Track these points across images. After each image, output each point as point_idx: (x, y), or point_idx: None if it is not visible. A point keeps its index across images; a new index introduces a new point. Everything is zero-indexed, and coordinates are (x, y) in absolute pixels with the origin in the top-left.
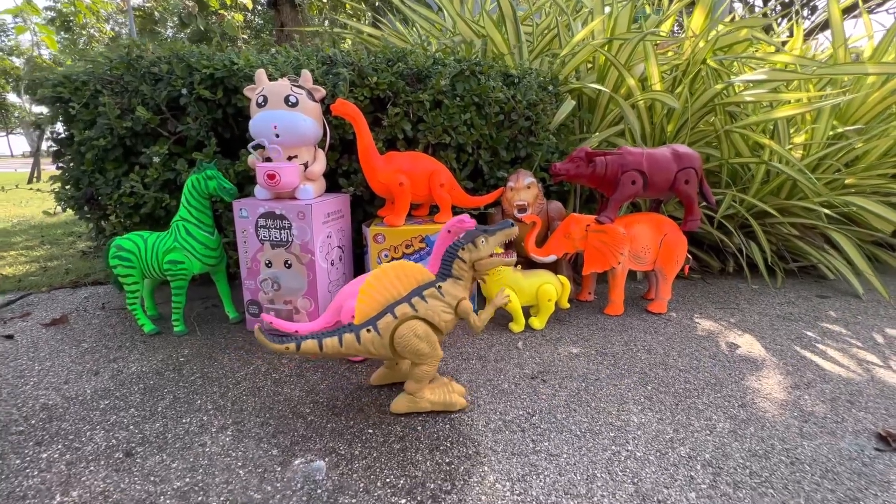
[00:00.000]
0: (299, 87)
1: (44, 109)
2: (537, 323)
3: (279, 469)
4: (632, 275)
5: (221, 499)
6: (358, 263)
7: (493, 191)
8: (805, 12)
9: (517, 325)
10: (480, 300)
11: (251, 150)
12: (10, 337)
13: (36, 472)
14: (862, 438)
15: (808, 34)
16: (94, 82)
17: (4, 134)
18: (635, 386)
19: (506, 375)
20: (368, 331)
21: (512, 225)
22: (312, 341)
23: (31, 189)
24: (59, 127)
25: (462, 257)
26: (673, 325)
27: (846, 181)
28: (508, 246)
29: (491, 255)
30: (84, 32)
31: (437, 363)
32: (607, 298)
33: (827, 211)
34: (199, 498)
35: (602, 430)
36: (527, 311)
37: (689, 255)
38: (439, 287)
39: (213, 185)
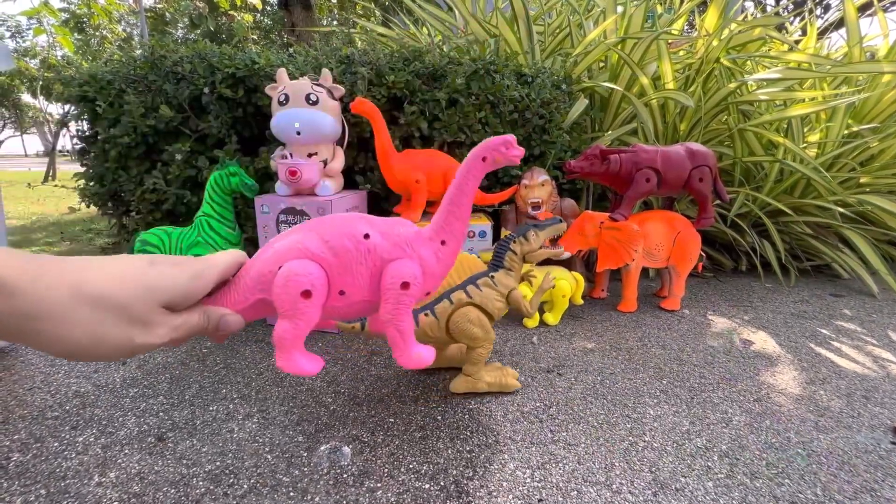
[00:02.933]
0: (320, 85)
1: (61, 109)
2: (551, 318)
3: (305, 455)
4: (645, 272)
5: (252, 481)
6: None
7: (506, 188)
8: (818, 11)
9: (531, 321)
10: None
11: (275, 157)
12: None
13: (73, 455)
14: (878, 432)
15: (822, 33)
16: (119, 81)
17: (19, 134)
18: (650, 380)
19: (522, 369)
20: (426, 314)
21: (561, 221)
22: None
23: (55, 186)
24: (84, 125)
25: (514, 250)
26: (686, 322)
27: (861, 180)
28: (553, 241)
29: (540, 248)
30: (97, 33)
31: (491, 346)
32: (620, 295)
33: (841, 210)
34: (231, 480)
35: (619, 422)
36: (540, 307)
37: (703, 253)
38: (492, 277)
39: (236, 181)
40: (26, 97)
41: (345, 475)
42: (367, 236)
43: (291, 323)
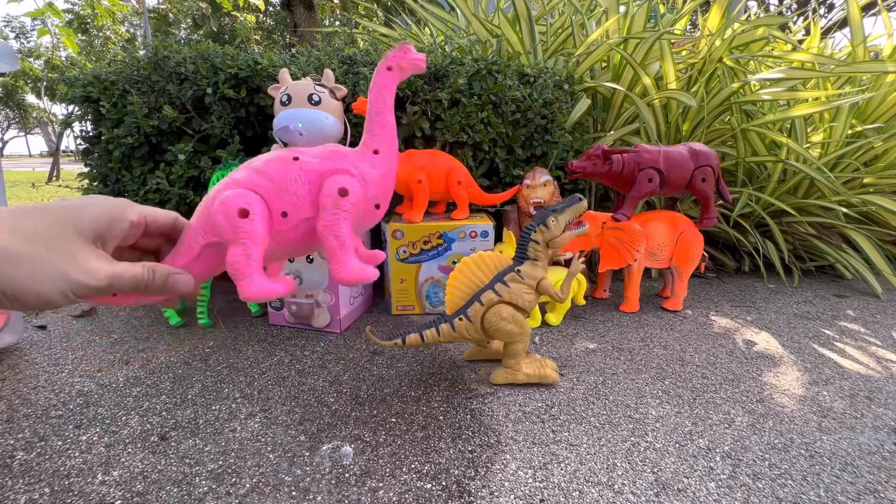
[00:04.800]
0: (322, 85)
1: (65, 109)
2: (553, 319)
3: (307, 454)
4: (646, 272)
5: (254, 480)
6: None
7: (508, 188)
8: (822, 10)
9: (533, 321)
10: None
11: (277, 139)
12: (42, 327)
13: (77, 454)
14: (882, 434)
15: (826, 32)
16: (123, 82)
17: (23, 134)
18: (653, 381)
19: None
20: (461, 319)
21: (580, 199)
22: (415, 335)
23: (59, 186)
24: (88, 125)
25: (535, 239)
26: (689, 323)
27: (865, 180)
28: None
29: (564, 231)
30: (101, 34)
31: (528, 339)
32: (623, 296)
33: (845, 210)
34: (233, 479)
35: (621, 423)
36: (542, 308)
37: (705, 254)
38: (518, 271)
39: None
40: (30, 98)
41: (347, 475)
42: (296, 158)
43: (239, 245)
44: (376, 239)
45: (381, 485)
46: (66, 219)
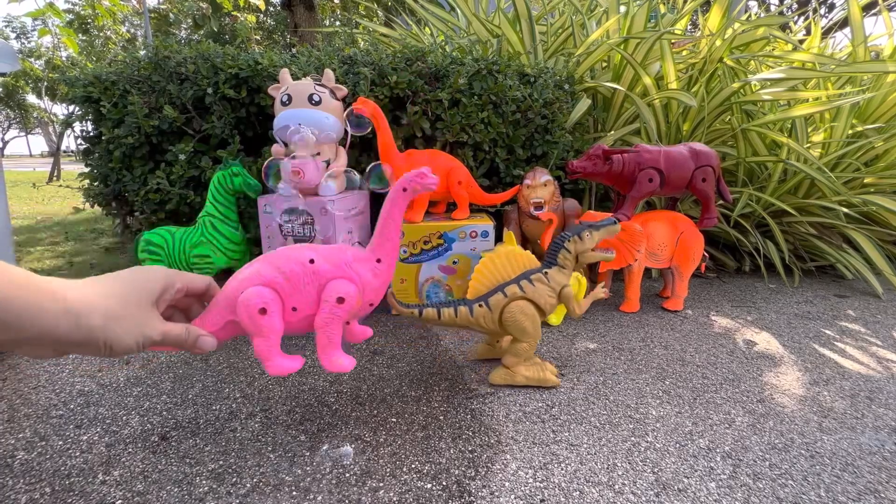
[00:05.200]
0: (322, 85)
1: (65, 110)
2: (554, 319)
3: (308, 454)
4: (647, 272)
5: (254, 480)
6: None
7: (508, 188)
8: (822, 10)
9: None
10: None
11: (278, 139)
12: None
13: (78, 453)
14: (882, 434)
15: (826, 32)
16: (123, 82)
17: (23, 134)
18: (653, 381)
19: None
20: (480, 306)
21: (615, 223)
22: (432, 310)
23: (60, 185)
24: (88, 125)
25: (568, 248)
26: (689, 323)
27: (865, 180)
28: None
29: (593, 250)
30: (101, 35)
31: (536, 343)
32: (623, 296)
33: (846, 210)
34: (234, 479)
35: (621, 423)
36: None
37: (706, 254)
38: (546, 273)
39: (239, 181)
40: (31, 98)
41: (347, 475)
42: (312, 261)
43: (260, 337)
44: None
45: (381, 485)
46: (140, 287)
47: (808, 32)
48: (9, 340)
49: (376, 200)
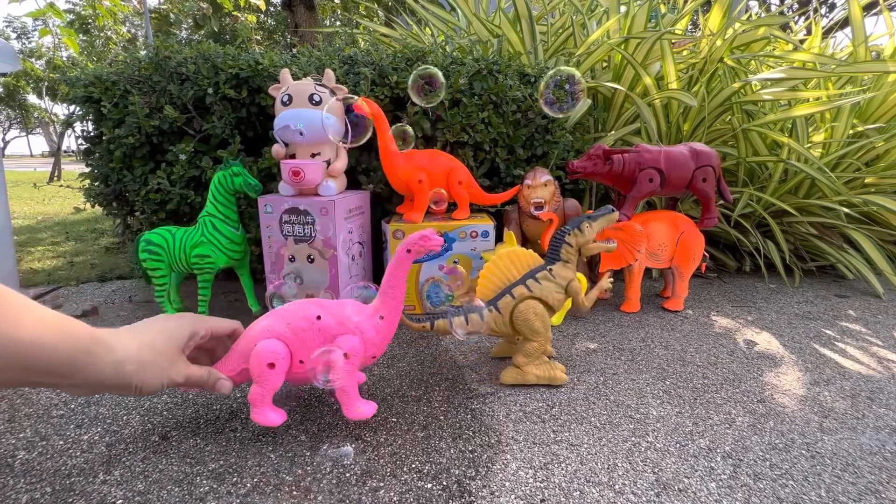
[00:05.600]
0: (323, 86)
1: (66, 110)
2: (554, 319)
3: (308, 454)
4: (647, 272)
5: (255, 480)
6: (377, 259)
7: (509, 188)
8: (823, 10)
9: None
10: None
11: (278, 139)
12: None
13: (79, 453)
14: (883, 434)
15: (827, 32)
16: (124, 82)
17: (24, 134)
18: (653, 381)
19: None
20: (490, 310)
21: (613, 211)
22: (444, 321)
23: (60, 186)
24: (89, 125)
25: (569, 242)
26: (690, 323)
27: (866, 180)
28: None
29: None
30: (102, 35)
31: (547, 343)
32: (623, 296)
33: (846, 210)
34: (234, 479)
35: (622, 423)
36: None
37: (706, 254)
38: (550, 270)
39: (239, 181)
40: (32, 98)
41: (347, 474)
42: (318, 318)
43: (260, 387)
44: (377, 239)
45: (381, 484)
46: (169, 337)
47: (809, 32)
48: (56, 383)
49: (377, 200)
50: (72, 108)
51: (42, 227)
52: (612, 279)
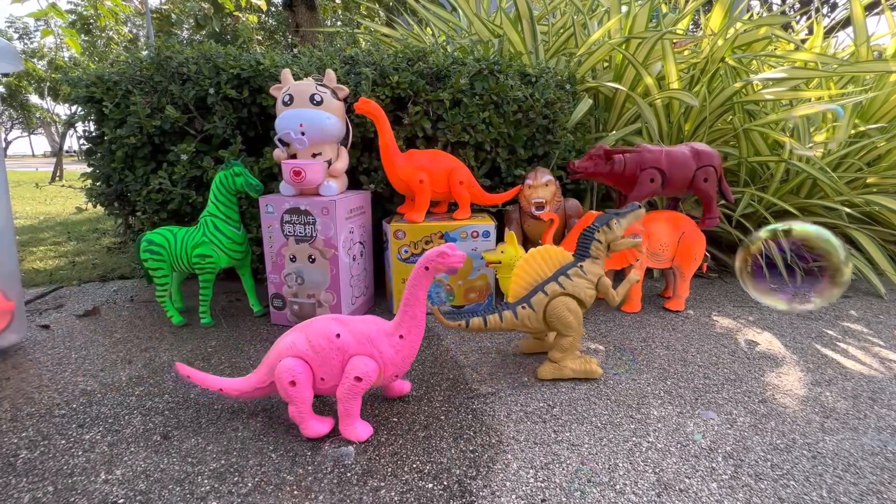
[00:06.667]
0: (324, 86)
1: (68, 110)
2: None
3: (309, 453)
4: (648, 272)
5: (256, 480)
6: (378, 259)
7: (510, 188)
8: (825, 10)
9: None
10: (498, 295)
11: (278, 143)
12: (46, 327)
13: (80, 452)
14: (885, 434)
15: (829, 32)
16: (126, 82)
17: (26, 134)
18: (654, 381)
19: (525, 369)
20: (524, 307)
21: (640, 208)
22: (479, 319)
23: (62, 186)
24: (90, 125)
25: (599, 238)
26: (691, 323)
27: (868, 180)
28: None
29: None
30: (104, 35)
31: (580, 337)
32: (625, 296)
33: (848, 210)
34: (235, 478)
35: (622, 423)
36: None
37: (707, 254)
38: (581, 266)
39: (240, 181)
40: (34, 98)
41: (348, 474)
42: (338, 336)
43: (292, 405)
44: (378, 240)
45: (382, 484)
46: None
47: (811, 32)
48: None
49: (377, 200)
50: (73, 108)
51: (44, 227)
52: (639, 273)
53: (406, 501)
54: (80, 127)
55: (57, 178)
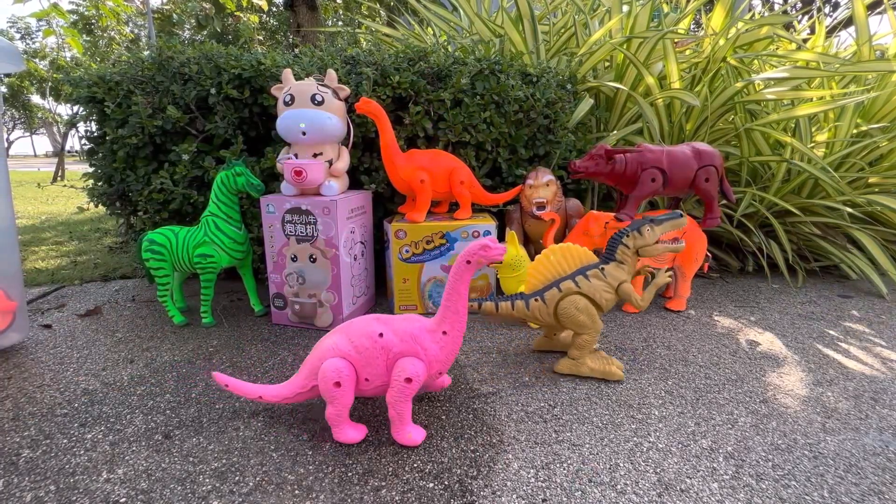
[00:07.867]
0: (325, 85)
1: (70, 110)
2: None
3: (310, 453)
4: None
5: (257, 479)
6: (379, 259)
7: (511, 188)
8: (827, 9)
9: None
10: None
11: (281, 160)
12: (48, 326)
13: (82, 452)
14: (886, 435)
15: (831, 31)
16: (127, 82)
17: (28, 134)
18: (655, 381)
19: (526, 369)
20: (536, 300)
21: (681, 216)
22: (491, 303)
23: (64, 185)
24: (92, 125)
25: (626, 244)
26: (692, 323)
27: (870, 180)
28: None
29: (657, 242)
30: (105, 35)
31: (597, 334)
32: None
33: (850, 210)
34: (237, 478)
35: (623, 423)
36: None
37: (709, 254)
38: (602, 269)
39: (242, 181)
40: (36, 98)
41: (350, 473)
42: (381, 335)
43: (332, 406)
44: (379, 239)
45: (383, 484)
46: None
47: (813, 31)
48: None
49: (378, 200)
50: (75, 108)
51: (46, 227)
52: (670, 275)
53: (407, 501)
54: (81, 127)
55: (59, 178)
